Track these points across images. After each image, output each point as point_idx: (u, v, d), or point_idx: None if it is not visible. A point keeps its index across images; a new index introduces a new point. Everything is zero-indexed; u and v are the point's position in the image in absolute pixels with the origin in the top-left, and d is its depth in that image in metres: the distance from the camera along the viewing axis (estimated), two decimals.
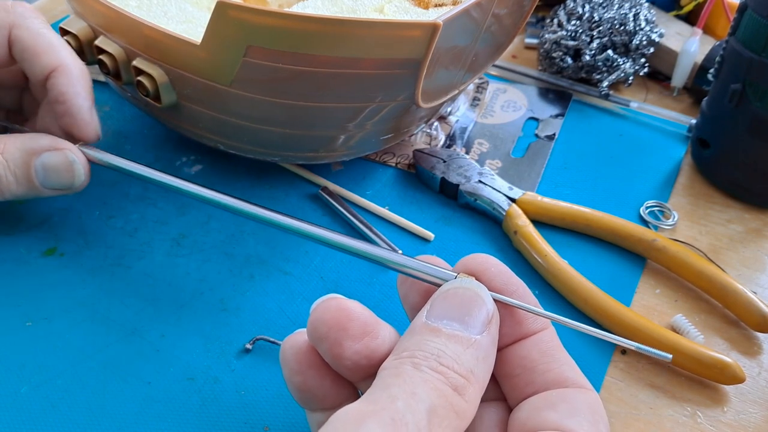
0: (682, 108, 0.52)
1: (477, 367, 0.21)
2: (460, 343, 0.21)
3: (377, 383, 0.21)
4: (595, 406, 0.22)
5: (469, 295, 0.23)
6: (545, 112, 0.50)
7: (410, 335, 0.22)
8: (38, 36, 0.35)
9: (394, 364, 0.21)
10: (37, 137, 0.35)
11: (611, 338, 0.23)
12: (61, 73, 0.35)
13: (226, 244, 0.39)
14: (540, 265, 0.37)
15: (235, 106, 0.35)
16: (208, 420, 0.30)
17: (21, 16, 0.35)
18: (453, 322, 0.22)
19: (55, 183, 0.35)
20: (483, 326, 0.22)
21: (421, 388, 0.20)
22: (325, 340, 0.23)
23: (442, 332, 0.22)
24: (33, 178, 0.34)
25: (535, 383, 0.23)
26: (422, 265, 0.25)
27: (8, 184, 0.34)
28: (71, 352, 0.33)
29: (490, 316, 0.23)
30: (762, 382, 0.34)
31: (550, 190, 0.44)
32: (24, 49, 0.35)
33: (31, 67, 0.35)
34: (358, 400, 0.20)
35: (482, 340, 0.22)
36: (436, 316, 0.22)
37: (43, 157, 0.34)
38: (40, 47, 0.34)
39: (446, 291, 0.23)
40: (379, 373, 0.21)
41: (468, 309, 0.22)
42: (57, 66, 0.34)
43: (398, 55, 0.31)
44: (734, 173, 0.43)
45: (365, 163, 0.45)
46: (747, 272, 0.39)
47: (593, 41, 0.51)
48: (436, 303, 0.23)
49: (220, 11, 0.30)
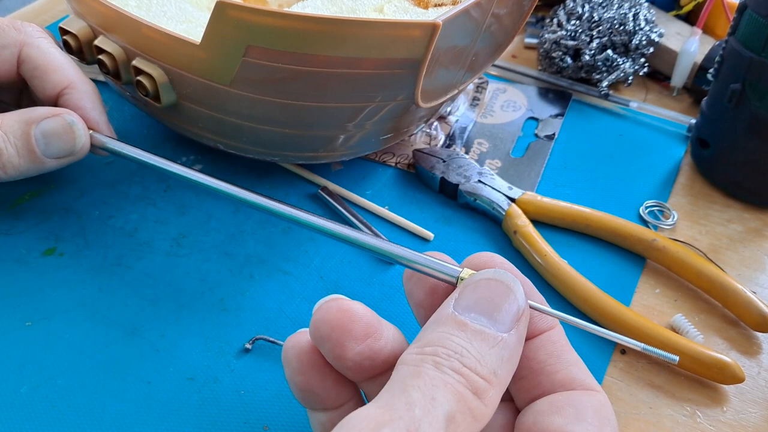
0: (682, 108, 0.52)
1: (501, 368, 0.21)
2: (486, 341, 0.21)
3: (395, 382, 0.20)
4: (603, 409, 0.22)
5: (500, 288, 0.22)
6: (545, 112, 0.50)
7: (435, 325, 0.21)
8: (48, 54, 0.36)
9: (415, 359, 0.20)
10: (34, 108, 0.35)
11: (622, 340, 0.23)
12: (74, 89, 0.36)
13: (226, 244, 0.39)
14: (540, 265, 0.37)
15: (235, 106, 0.35)
16: (207, 420, 0.30)
17: (30, 35, 0.36)
18: (481, 317, 0.21)
19: (56, 150, 0.35)
20: (512, 323, 0.21)
21: (441, 393, 0.19)
22: (328, 341, 0.23)
23: (468, 327, 0.21)
24: (34, 148, 0.34)
25: (542, 385, 0.23)
26: (429, 261, 0.25)
27: (9, 157, 0.34)
28: (71, 352, 0.33)
29: (521, 312, 0.22)
30: (762, 382, 0.34)
31: (550, 190, 0.44)
32: (35, 68, 0.35)
33: (41, 84, 0.36)
34: (373, 402, 0.19)
35: (509, 338, 0.21)
36: (464, 307, 0.22)
37: (41, 125, 0.34)
38: (50, 66, 0.35)
39: (478, 281, 0.22)
40: (397, 366, 0.20)
41: (498, 303, 0.22)
42: (68, 84, 0.35)
43: (398, 55, 0.31)
44: (734, 173, 0.43)
45: (365, 163, 0.45)
46: (747, 272, 0.39)
47: (593, 41, 0.51)
48: (466, 292, 0.22)
49: (220, 11, 0.30)
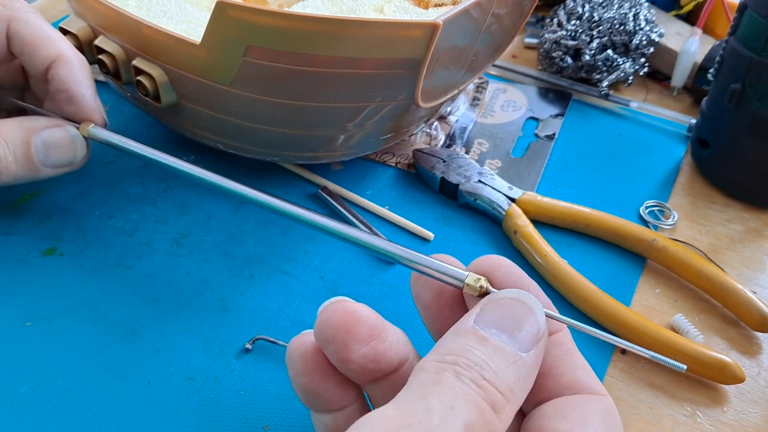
0: (682, 108, 0.52)
1: (517, 386, 0.21)
2: (505, 357, 0.21)
3: (414, 386, 0.20)
4: (608, 413, 0.22)
5: (522, 308, 0.22)
6: (545, 112, 0.50)
7: (455, 336, 0.21)
8: (37, 29, 0.35)
9: (435, 367, 0.20)
10: (35, 117, 0.35)
11: (628, 346, 0.23)
12: (61, 63, 0.35)
13: (226, 244, 0.39)
14: (540, 265, 0.37)
15: (235, 106, 0.35)
16: (207, 420, 0.30)
17: (18, 10, 0.35)
18: (502, 334, 0.21)
19: (56, 160, 0.35)
20: (531, 344, 0.21)
21: (460, 402, 0.19)
22: (332, 343, 0.23)
23: (489, 342, 0.21)
24: (33, 157, 0.34)
25: (548, 388, 0.23)
26: (436, 264, 0.25)
27: (7, 165, 0.34)
28: (71, 352, 0.33)
29: (540, 334, 0.22)
30: (762, 382, 0.34)
31: (550, 190, 0.44)
32: (24, 43, 0.35)
33: (31, 60, 0.35)
34: (392, 404, 0.19)
35: (527, 358, 0.21)
36: (485, 323, 0.22)
37: (42, 134, 0.34)
38: (39, 39, 0.35)
39: (500, 299, 0.23)
40: (416, 371, 0.20)
41: (519, 323, 0.22)
42: (56, 56, 0.35)
43: (398, 55, 0.31)
44: (734, 173, 0.43)
45: (365, 162, 0.45)
46: (747, 272, 0.39)
47: (593, 41, 0.51)
48: (487, 309, 0.22)
49: (220, 11, 0.30)
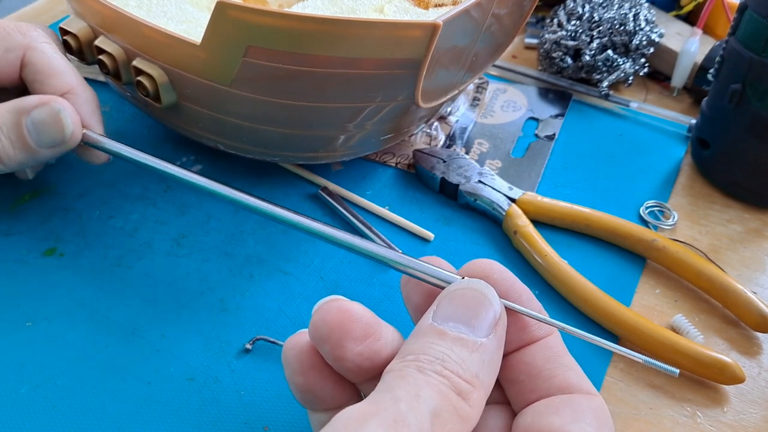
0: (682, 108, 0.52)
1: (482, 371, 0.21)
2: (466, 346, 0.21)
3: (381, 385, 0.21)
4: (600, 411, 0.22)
5: (476, 296, 0.23)
6: (545, 112, 0.50)
7: (416, 337, 0.22)
8: (51, 59, 0.36)
9: (398, 366, 0.21)
10: (26, 98, 0.35)
11: (619, 350, 0.23)
12: (73, 95, 0.36)
13: (226, 244, 0.39)
14: (540, 265, 0.37)
15: (235, 106, 0.35)
16: (207, 420, 0.30)
17: (35, 39, 0.36)
18: (459, 325, 0.22)
19: (47, 139, 0.35)
20: (489, 329, 0.22)
21: (425, 391, 0.20)
22: (327, 342, 0.23)
23: (447, 335, 0.21)
24: (26, 139, 0.34)
25: (539, 389, 0.23)
26: (426, 267, 0.25)
27: (5, 149, 0.34)
28: (71, 352, 0.33)
29: (497, 317, 0.22)
30: (762, 382, 0.34)
31: (550, 190, 0.44)
32: (37, 72, 0.36)
33: (41, 89, 0.36)
34: (362, 402, 0.20)
35: (488, 343, 0.22)
36: (442, 318, 0.22)
37: (32, 115, 0.34)
38: (53, 70, 0.36)
39: (453, 292, 0.23)
40: (383, 375, 0.21)
41: (475, 311, 0.22)
42: (69, 89, 0.36)
43: (398, 55, 0.31)
44: (734, 173, 0.43)
45: (365, 163, 0.45)
46: (747, 272, 0.39)
47: (593, 41, 0.51)
48: (443, 304, 0.23)
49: (220, 11, 0.30)
